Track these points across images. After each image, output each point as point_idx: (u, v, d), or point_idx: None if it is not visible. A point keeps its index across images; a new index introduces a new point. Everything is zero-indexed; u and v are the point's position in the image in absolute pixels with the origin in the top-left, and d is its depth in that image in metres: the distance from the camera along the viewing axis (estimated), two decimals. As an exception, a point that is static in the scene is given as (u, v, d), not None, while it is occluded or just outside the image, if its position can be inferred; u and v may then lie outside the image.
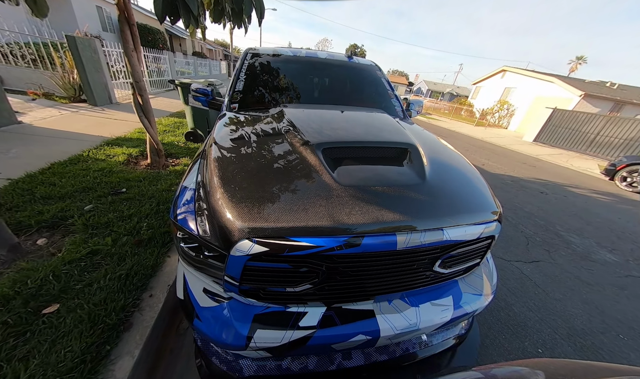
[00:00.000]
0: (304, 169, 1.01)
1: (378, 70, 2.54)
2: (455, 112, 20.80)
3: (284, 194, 0.89)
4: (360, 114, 1.71)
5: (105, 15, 13.27)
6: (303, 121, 1.37)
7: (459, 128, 13.47)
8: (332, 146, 1.12)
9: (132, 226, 1.83)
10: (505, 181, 4.96)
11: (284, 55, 2.25)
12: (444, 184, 1.05)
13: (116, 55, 5.78)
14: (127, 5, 2.09)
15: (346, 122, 1.50)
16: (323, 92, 2.16)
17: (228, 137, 1.31)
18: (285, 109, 1.59)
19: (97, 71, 4.84)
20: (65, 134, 3.33)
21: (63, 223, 1.74)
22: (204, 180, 1.02)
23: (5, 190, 1.93)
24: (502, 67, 18.83)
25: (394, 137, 1.30)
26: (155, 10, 1.55)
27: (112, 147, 3.16)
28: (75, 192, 2.08)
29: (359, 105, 2.09)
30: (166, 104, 6.54)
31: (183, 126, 4.66)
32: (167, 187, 2.47)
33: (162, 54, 8.68)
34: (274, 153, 1.14)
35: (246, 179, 0.95)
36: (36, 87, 4.82)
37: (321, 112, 1.65)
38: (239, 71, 2.08)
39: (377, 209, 0.86)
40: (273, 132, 1.34)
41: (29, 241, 1.58)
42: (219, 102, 2.10)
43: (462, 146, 8.31)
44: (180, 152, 3.51)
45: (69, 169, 2.40)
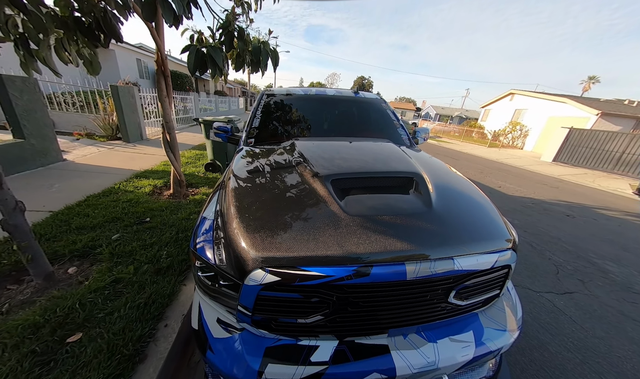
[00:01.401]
0: (314, 200, 1.07)
1: (383, 102, 2.70)
2: (466, 134, 20.78)
3: (295, 225, 0.94)
4: (367, 145, 1.80)
5: (143, 65, 15.34)
6: (313, 153, 1.47)
7: (471, 150, 13.34)
8: (340, 177, 1.19)
9: (153, 254, 1.93)
10: (525, 203, 4.73)
11: (296, 94, 2.48)
12: (451, 212, 1.06)
13: (149, 98, 6.56)
14: (163, 62, 2.47)
15: (354, 153, 1.58)
16: (332, 125, 2.32)
17: (244, 170, 1.43)
18: (297, 142, 1.72)
19: (132, 113, 5.49)
20: (101, 169, 3.71)
21: (92, 252, 1.88)
22: (222, 210, 1.10)
23: (47, 222, 2.14)
24: (509, 90, 19.06)
25: (400, 166, 1.35)
26: (188, 66, 1.83)
27: (140, 179, 3.45)
28: (105, 223, 2.26)
29: (366, 136, 2.20)
30: (190, 138, 7.14)
31: (203, 158, 5.02)
32: (187, 216, 2.61)
33: (189, 95, 9.73)
34: (286, 184, 1.23)
35: (260, 210, 1.03)
36: (81, 128, 5.51)
37: (330, 144, 1.76)
38: (256, 110, 2.30)
39: (385, 238, 0.88)
40: (285, 164, 1.44)
41: (62, 269, 1.70)
42: (237, 137, 2.30)
43: (476, 168, 8.15)
44: (199, 182, 3.75)
45: (101, 201, 2.64)
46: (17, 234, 1.36)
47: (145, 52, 15.02)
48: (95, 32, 1.92)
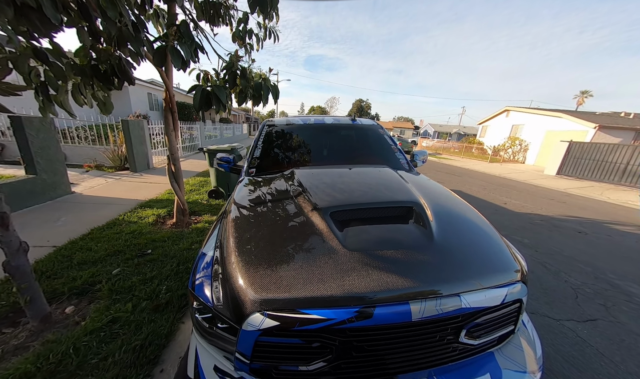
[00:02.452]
0: (313, 234, 1.06)
1: (380, 128, 2.78)
2: (466, 150, 20.99)
3: (294, 261, 0.92)
4: (365, 171, 1.82)
5: (153, 98, 16.32)
6: (312, 183, 1.49)
7: (473, 166, 13.37)
8: (339, 209, 1.19)
9: (153, 289, 1.89)
10: (533, 220, 4.61)
11: (296, 123, 2.58)
12: (454, 244, 1.04)
13: (157, 129, 6.88)
14: (171, 99, 2.63)
15: (352, 182, 1.60)
16: (331, 152, 2.37)
17: (244, 201, 1.44)
18: (297, 171, 1.74)
19: (141, 144, 5.72)
20: (107, 200, 3.78)
21: (91, 289, 1.85)
22: (221, 244, 1.10)
23: (49, 258, 2.14)
24: (505, 108, 19.58)
25: (398, 195, 1.35)
26: (194, 105, 1.95)
27: (144, 209, 3.49)
28: (107, 256, 2.25)
29: (365, 162, 2.24)
30: (194, 165, 7.33)
31: (207, 184, 5.11)
32: (188, 246, 2.59)
33: (195, 123, 10.19)
34: (285, 217, 1.23)
35: (258, 245, 1.02)
36: (91, 160, 5.73)
37: (328, 172, 1.78)
38: (257, 140, 2.38)
39: (386, 275, 0.85)
40: (285, 195, 1.46)
41: (59, 309, 1.66)
42: (239, 167, 2.36)
43: (479, 184, 8.10)
44: (202, 209, 3.77)
45: (105, 234, 2.65)
46: (18, 276, 1.36)
47: (155, 86, 16.06)
48: (110, 77, 2.07)
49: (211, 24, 2.63)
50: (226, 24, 2.83)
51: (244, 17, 2.80)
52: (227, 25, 2.84)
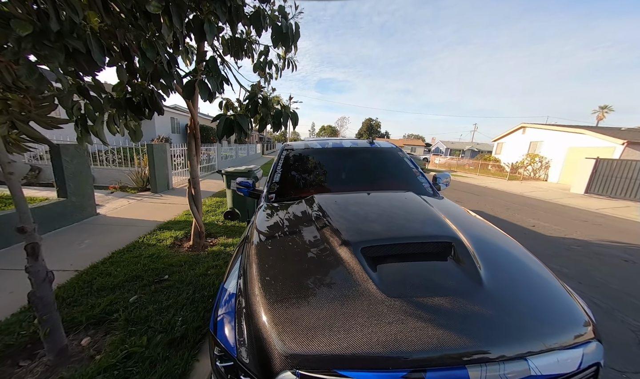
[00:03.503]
0: (344, 274, 0.98)
1: (399, 151, 2.73)
2: (482, 167, 20.36)
3: (326, 307, 0.84)
4: (389, 198, 1.74)
5: (175, 122, 17.47)
6: (336, 212, 1.42)
7: (491, 183, 12.84)
8: (370, 244, 1.10)
9: (168, 320, 1.82)
10: (569, 246, 4.22)
11: (313, 147, 2.58)
12: (507, 290, 0.91)
13: (178, 152, 7.23)
14: (195, 127, 2.76)
15: (378, 211, 1.52)
16: (351, 177, 2.32)
17: (267, 233, 1.39)
18: (318, 197, 1.69)
19: (163, 166, 6.00)
20: (129, 221, 3.89)
21: (108, 318, 1.81)
22: (245, 281, 1.03)
23: (71, 283, 2.16)
24: (520, 124, 19.15)
25: (433, 228, 1.25)
26: (217, 132, 2.02)
27: (162, 231, 3.54)
28: (125, 282, 2.24)
29: (386, 187, 2.16)
30: (211, 185, 7.53)
31: (223, 205, 5.17)
32: (204, 272, 2.55)
33: (213, 145, 10.68)
34: (312, 253, 1.15)
35: (285, 285, 0.94)
36: (116, 182, 6.04)
37: (351, 198, 1.72)
38: (276, 165, 2.39)
39: (435, 330, 0.74)
40: (309, 226, 1.39)
41: (76, 340, 1.62)
42: (258, 192, 2.35)
43: (501, 203, 7.68)
44: (218, 231, 3.78)
45: (124, 257, 2.68)
46: (41, 307, 1.35)
47: (178, 111, 17.24)
48: (142, 108, 2.21)
49: (235, 57, 2.81)
50: (248, 56, 3.01)
51: (265, 50, 2.97)
52: (249, 57, 3.02)
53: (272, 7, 2.40)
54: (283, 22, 2.27)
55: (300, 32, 2.39)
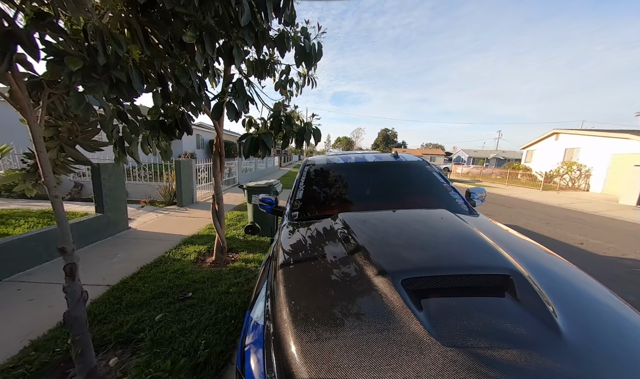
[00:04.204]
0: (385, 311, 0.86)
1: (426, 164, 2.57)
2: (510, 177, 19.01)
3: (367, 349, 0.72)
4: (423, 217, 1.60)
5: (200, 139, 18.62)
6: (369, 236, 1.32)
7: (522, 194, 11.86)
8: (411, 276, 0.98)
9: (191, 342, 1.79)
10: (630, 267, 3.64)
11: (336, 162, 2.52)
12: (597, 343, 0.74)
13: (203, 167, 7.60)
14: (221, 145, 2.85)
15: (414, 233, 1.39)
16: (377, 194, 2.21)
17: (293, 255, 1.32)
18: (345, 217, 1.60)
19: (188, 181, 6.31)
20: (157, 235, 4.06)
21: (135, 337, 1.81)
22: (272, 311, 0.96)
23: (102, 299, 2.23)
24: (553, 130, 17.83)
25: (487, 259, 1.09)
26: (244, 152, 2.05)
27: (187, 245, 3.63)
28: (152, 299, 2.27)
29: (416, 204, 2.02)
30: (232, 199, 7.75)
31: (244, 218, 5.25)
32: (226, 289, 2.52)
33: (234, 160, 11.12)
34: (347, 283, 1.05)
35: (319, 320, 0.85)
36: (146, 196, 6.43)
37: (381, 218, 1.60)
38: (299, 181, 2.35)
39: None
40: (339, 249, 1.30)
41: (104, 360, 1.63)
42: (281, 209, 2.32)
43: (539, 217, 6.99)
44: (239, 246, 3.79)
45: (152, 273, 2.75)
46: (75, 327, 1.37)
47: (202, 128, 18.39)
48: (173, 129, 2.32)
49: (259, 78, 2.91)
50: (271, 76, 3.10)
51: (287, 69, 3.05)
52: (271, 77, 3.12)
53: (295, 29, 2.46)
54: (306, 42, 2.31)
55: (322, 51, 2.41)
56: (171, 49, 1.60)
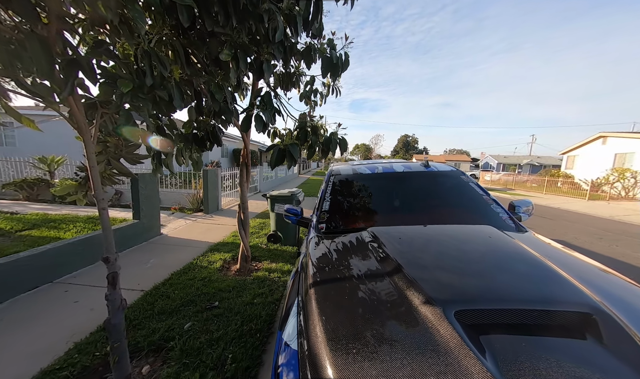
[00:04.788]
0: (437, 346, 0.75)
1: (462, 174, 2.39)
2: (549, 185, 17.31)
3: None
4: (468, 235, 1.45)
5: (224, 148, 19.62)
6: (407, 255, 1.21)
7: (564, 204, 10.68)
8: (469, 309, 0.86)
9: (218, 355, 1.78)
10: None
11: (363, 173, 2.44)
12: None
13: (227, 175, 7.92)
14: (247, 156, 2.93)
15: (460, 254, 1.25)
16: (408, 207, 2.08)
17: (324, 272, 1.25)
18: (378, 233, 1.50)
19: (215, 189, 6.59)
20: (185, 242, 4.24)
21: (166, 346, 1.85)
22: (307, 338, 0.89)
23: (137, 304, 2.33)
24: (599, 133, 16.08)
25: (558, 292, 0.92)
26: (270, 163, 2.07)
27: (213, 253, 3.73)
28: (181, 306, 2.33)
29: (454, 219, 1.86)
30: (254, 206, 7.94)
31: (266, 227, 5.31)
32: (250, 300, 2.51)
33: (255, 168, 11.48)
34: (387, 309, 0.95)
35: (362, 355, 0.76)
36: (176, 203, 6.83)
37: (420, 236, 1.48)
38: (325, 192, 2.30)
39: None
40: (374, 268, 1.20)
41: (138, 368, 1.67)
42: (307, 220, 2.28)
43: (588, 231, 6.19)
44: (262, 254, 3.82)
45: (181, 280, 2.84)
46: (114, 334, 1.42)
47: (227, 138, 19.40)
48: (205, 141, 2.42)
49: (285, 89, 2.97)
50: (296, 87, 3.15)
51: (311, 80, 3.08)
52: (296, 88, 3.17)
53: (321, 41, 2.48)
54: (332, 53, 2.31)
55: (349, 61, 2.39)
56: (207, 67, 1.67)
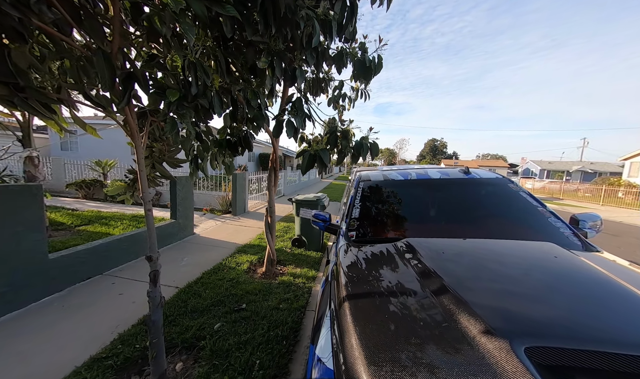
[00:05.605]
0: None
1: (509, 182, 2.14)
2: (607, 194, 15.05)
3: None
4: (527, 252, 1.27)
5: (251, 153, 20.55)
6: (455, 272, 1.08)
7: (628, 217, 9.16)
8: (546, 345, 0.71)
9: (246, 359, 1.78)
10: None
11: (395, 179, 2.31)
12: None
13: (254, 179, 8.22)
14: (276, 161, 2.98)
15: (522, 275, 1.08)
16: (447, 218, 1.91)
17: (359, 287, 1.16)
18: (417, 245, 1.38)
19: (242, 192, 6.87)
20: (215, 242, 4.44)
21: (197, 344, 1.90)
22: (344, 359, 0.82)
23: (172, 301, 2.46)
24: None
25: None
26: (302, 168, 2.06)
27: (240, 254, 3.84)
28: (211, 306, 2.41)
29: (504, 233, 1.65)
30: (278, 209, 8.03)
31: (290, 231, 5.36)
32: (276, 305, 2.51)
33: (280, 172, 11.80)
34: (434, 335, 0.84)
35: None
36: (207, 205, 7.24)
37: (467, 250, 1.33)
38: (354, 198, 2.22)
39: None
40: (415, 285, 1.09)
41: (172, 364, 1.74)
42: (335, 227, 2.21)
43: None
44: (286, 258, 3.83)
45: (211, 279, 2.95)
46: (153, 330, 1.49)
47: (255, 144, 20.34)
48: (237, 146, 2.51)
49: (314, 95, 2.98)
50: (324, 93, 3.15)
51: (340, 84, 3.05)
52: (324, 93, 3.17)
53: (353, 45, 2.44)
54: (366, 56, 2.25)
55: (382, 63, 2.31)
56: (243, 75, 1.73)
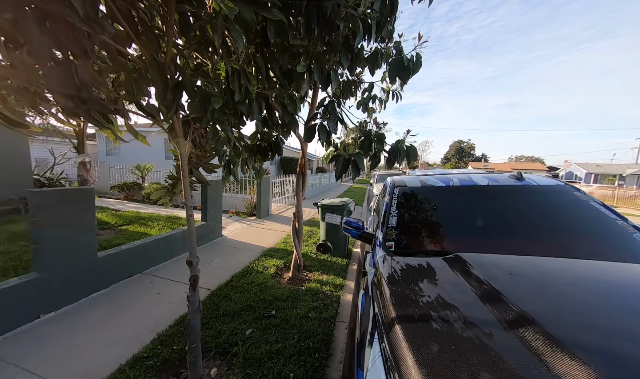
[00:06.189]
0: None
1: (575, 190, 1.87)
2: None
3: None
4: (623, 275, 1.06)
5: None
6: (538, 300, 0.94)
7: None
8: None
9: (279, 370, 1.73)
10: None
11: (434, 186, 2.14)
12: None
13: (277, 182, 8.36)
14: (304, 165, 2.95)
15: (623, 307, 0.89)
16: (500, 230, 1.70)
17: (411, 307, 1.04)
18: (478, 263, 1.22)
19: (266, 195, 7.01)
20: (242, 245, 4.54)
21: (230, 350, 1.90)
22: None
23: (205, 303, 2.51)
24: None
25: None
26: (336, 173, 2.00)
27: (266, 258, 3.86)
28: (242, 310, 2.42)
29: (564, 248, 1.42)
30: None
31: (314, 235, 5.31)
32: (305, 314, 2.44)
33: (301, 176, 11.92)
34: (502, 358, 0.71)
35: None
36: (233, 207, 7.50)
37: (545, 272, 1.15)
38: (390, 205, 2.08)
39: None
40: (484, 313, 0.95)
41: (207, 369, 1.75)
42: (370, 236, 2.10)
43: None
44: (312, 264, 3.77)
45: (241, 283, 2.98)
46: (192, 334, 1.50)
47: (276, 147, 20.79)
48: (267, 152, 2.52)
49: (344, 98, 2.92)
50: (353, 95, 3.07)
51: (369, 86, 2.95)
52: (353, 96, 3.09)
53: (387, 45, 2.34)
54: (404, 55, 2.13)
55: (421, 62, 2.16)
56: (281, 80, 1.71)
